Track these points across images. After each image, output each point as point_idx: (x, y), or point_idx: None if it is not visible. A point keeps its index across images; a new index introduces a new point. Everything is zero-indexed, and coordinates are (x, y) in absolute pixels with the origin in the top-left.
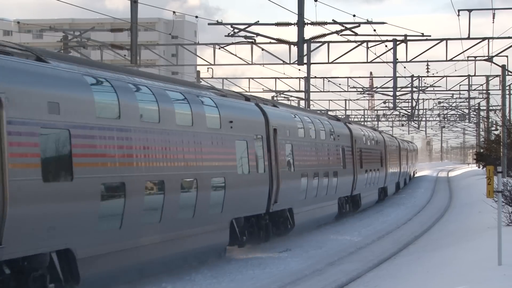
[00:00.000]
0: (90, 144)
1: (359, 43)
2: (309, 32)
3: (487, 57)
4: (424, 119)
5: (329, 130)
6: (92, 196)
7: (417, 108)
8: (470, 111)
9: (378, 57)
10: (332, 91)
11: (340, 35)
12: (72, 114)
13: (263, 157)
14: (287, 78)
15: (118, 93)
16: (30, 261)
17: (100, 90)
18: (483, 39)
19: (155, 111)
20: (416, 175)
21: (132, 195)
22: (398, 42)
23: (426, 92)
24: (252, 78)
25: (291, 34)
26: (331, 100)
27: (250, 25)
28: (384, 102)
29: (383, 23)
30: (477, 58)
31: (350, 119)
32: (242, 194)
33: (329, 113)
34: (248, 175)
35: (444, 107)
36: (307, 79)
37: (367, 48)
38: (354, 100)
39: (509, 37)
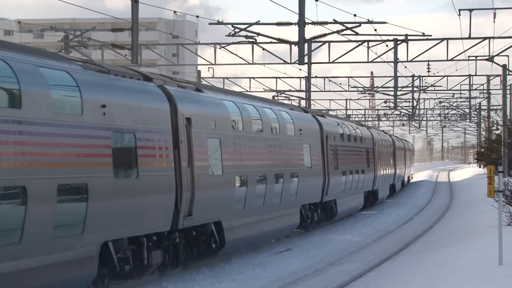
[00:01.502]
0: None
1: (360, 42)
2: (310, 31)
3: (488, 57)
4: (425, 118)
5: (287, 123)
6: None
7: (418, 107)
8: (471, 110)
9: (379, 56)
10: (333, 91)
11: (341, 34)
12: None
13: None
14: (288, 77)
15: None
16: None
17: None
18: (484, 38)
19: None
20: (412, 180)
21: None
22: (399, 42)
23: (427, 91)
24: (253, 78)
25: (292, 33)
26: (331, 99)
27: (250, 24)
28: (385, 102)
29: (384, 22)
30: (478, 58)
31: (351, 118)
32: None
33: (330, 112)
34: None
35: (445, 107)
36: (307, 78)
37: (368, 47)
38: (355, 99)
39: (509, 37)
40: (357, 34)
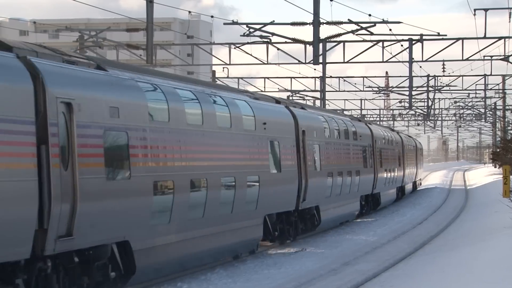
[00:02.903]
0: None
1: (374, 42)
2: (325, 31)
3: (503, 57)
4: (440, 118)
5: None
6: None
7: (433, 107)
8: (486, 110)
9: (393, 56)
10: (347, 91)
11: (356, 34)
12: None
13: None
14: (303, 77)
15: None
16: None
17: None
18: (499, 38)
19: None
20: (424, 183)
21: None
22: (413, 42)
23: (442, 91)
24: (268, 78)
25: (306, 33)
26: (346, 99)
27: (265, 24)
28: (400, 102)
29: (399, 22)
30: (493, 58)
31: (366, 118)
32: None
33: (345, 112)
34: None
35: (460, 107)
36: (322, 78)
37: (383, 47)
38: (369, 99)
39: None
40: (372, 34)
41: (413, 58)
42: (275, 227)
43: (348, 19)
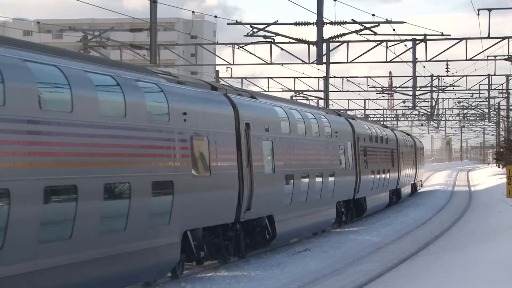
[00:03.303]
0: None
1: (378, 42)
2: (328, 31)
3: (507, 57)
4: (443, 118)
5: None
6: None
7: (436, 107)
8: (490, 110)
9: (397, 56)
10: (351, 91)
11: (359, 34)
12: None
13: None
14: (306, 77)
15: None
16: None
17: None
18: (503, 38)
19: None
20: (429, 183)
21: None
22: (417, 42)
23: (446, 91)
24: (271, 78)
25: (310, 33)
26: (350, 99)
27: (269, 24)
28: (404, 102)
29: (403, 22)
30: (497, 58)
31: (369, 118)
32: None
33: (348, 112)
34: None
35: (464, 107)
36: (326, 78)
37: (386, 47)
38: (373, 99)
39: None
40: (375, 34)
41: (416, 58)
42: (201, 245)
43: (352, 19)
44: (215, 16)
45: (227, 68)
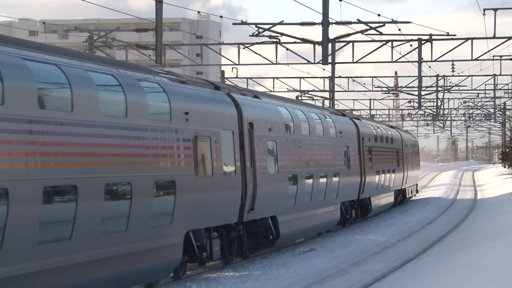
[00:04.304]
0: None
1: (384, 42)
2: (334, 31)
3: None
4: (449, 118)
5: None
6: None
7: (442, 107)
8: (496, 110)
9: (403, 56)
10: (356, 91)
11: (365, 34)
12: None
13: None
14: (312, 77)
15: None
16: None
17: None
18: (509, 38)
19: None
20: (435, 183)
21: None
22: (423, 42)
23: (451, 91)
24: (277, 78)
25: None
26: (355, 99)
27: (274, 24)
28: (409, 102)
29: (408, 22)
30: (503, 58)
31: (375, 118)
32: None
33: (354, 112)
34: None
35: (470, 107)
36: (331, 78)
37: (392, 47)
38: (379, 99)
39: None
40: (381, 34)
41: (422, 58)
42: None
43: (357, 19)
44: (221, 16)
45: (232, 68)
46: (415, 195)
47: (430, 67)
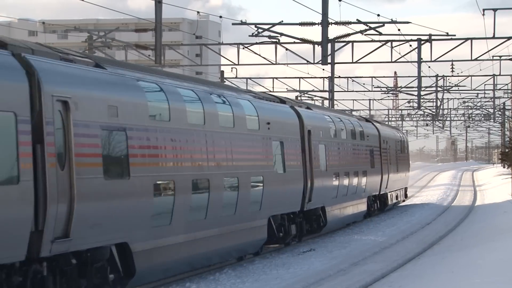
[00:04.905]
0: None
1: (383, 42)
2: (333, 31)
3: None
4: (448, 118)
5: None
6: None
7: (441, 107)
8: (495, 110)
9: (402, 56)
10: (356, 91)
11: (364, 34)
12: None
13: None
14: (311, 77)
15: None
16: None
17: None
18: (508, 38)
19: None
20: (435, 183)
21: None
22: (422, 42)
23: (451, 91)
24: (276, 78)
25: (315, 33)
26: (355, 100)
27: (274, 25)
28: (409, 102)
29: (408, 22)
30: (502, 58)
31: (374, 118)
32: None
33: (354, 113)
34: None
35: (469, 107)
36: (331, 78)
37: (391, 47)
38: (378, 99)
39: None
40: (380, 34)
41: (421, 58)
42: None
43: (357, 19)
44: (220, 17)
45: (232, 68)
46: (403, 201)
47: (429, 67)
